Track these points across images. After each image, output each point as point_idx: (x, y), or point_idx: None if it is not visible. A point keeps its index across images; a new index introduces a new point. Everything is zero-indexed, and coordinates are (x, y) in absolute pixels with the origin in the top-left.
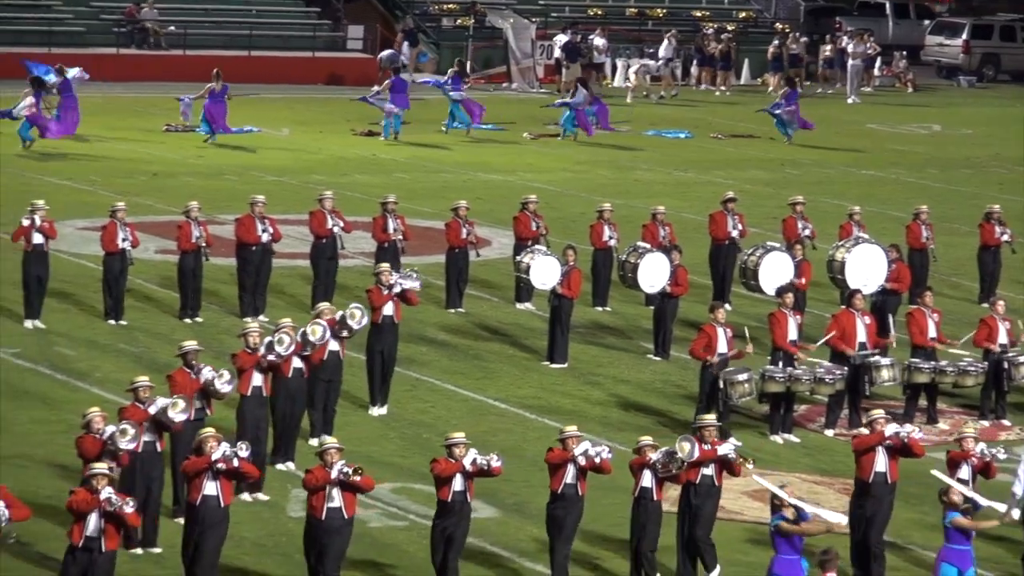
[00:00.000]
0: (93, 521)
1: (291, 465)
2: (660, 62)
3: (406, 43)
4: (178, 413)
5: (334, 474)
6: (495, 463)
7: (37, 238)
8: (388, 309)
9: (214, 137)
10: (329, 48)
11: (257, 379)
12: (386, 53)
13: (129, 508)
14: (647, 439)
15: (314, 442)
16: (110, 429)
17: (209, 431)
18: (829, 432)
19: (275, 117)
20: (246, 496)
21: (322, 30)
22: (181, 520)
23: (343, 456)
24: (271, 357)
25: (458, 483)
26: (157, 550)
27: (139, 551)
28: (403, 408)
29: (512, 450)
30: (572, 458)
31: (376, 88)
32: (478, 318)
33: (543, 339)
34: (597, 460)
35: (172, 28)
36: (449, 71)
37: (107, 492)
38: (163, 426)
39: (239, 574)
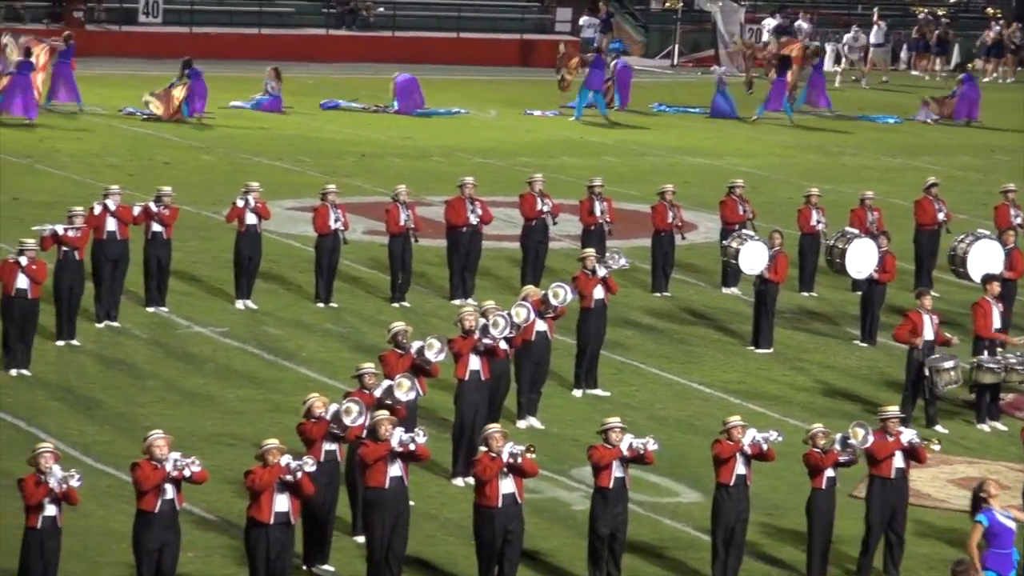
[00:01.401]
0: (279, 496)
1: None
2: (870, 46)
3: (598, 32)
4: (404, 393)
5: (505, 458)
6: (651, 447)
7: (250, 218)
8: (598, 293)
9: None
10: (537, 30)
11: (475, 363)
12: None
13: (310, 467)
14: (818, 426)
15: (522, 424)
16: (333, 407)
17: (383, 414)
18: None
19: (483, 99)
20: (459, 481)
21: (530, 12)
22: None
23: (509, 440)
24: (487, 340)
25: (617, 469)
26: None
27: (360, 538)
28: (609, 391)
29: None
30: (740, 448)
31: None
32: (684, 302)
33: (749, 324)
34: (764, 447)
35: (381, 9)
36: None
37: (286, 459)
38: (389, 410)
39: (444, 556)
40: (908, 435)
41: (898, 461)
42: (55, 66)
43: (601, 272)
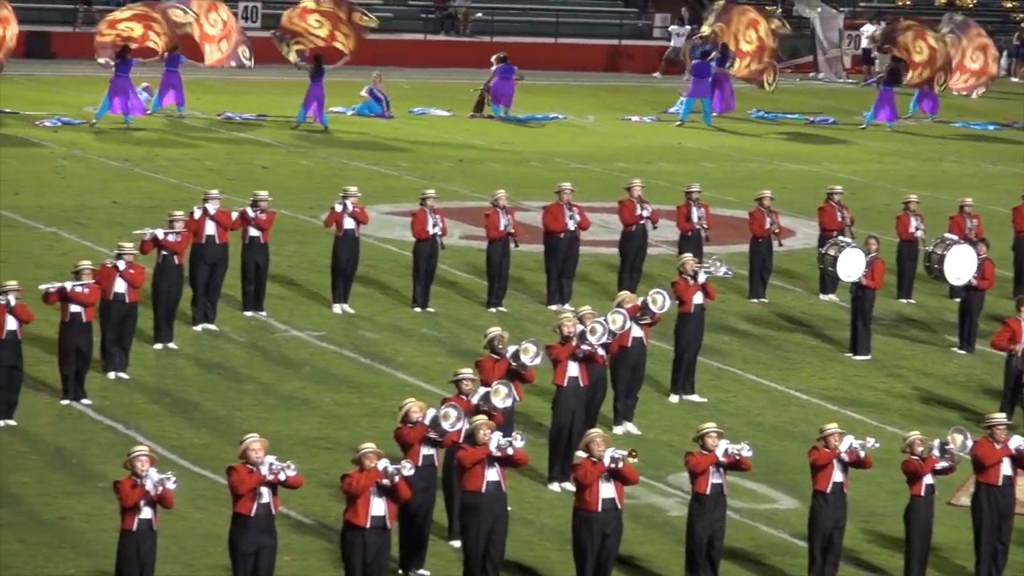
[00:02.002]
0: (376, 499)
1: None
2: None
3: (683, 37)
4: (501, 400)
5: (607, 462)
6: (746, 452)
7: (348, 223)
8: (698, 298)
9: (503, 113)
10: (635, 36)
11: (573, 369)
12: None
13: (408, 471)
14: (916, 433)
15: (619, 430)
16: (431, 412)
17: (481, 419)
18: None
19: (580, 105)
20: (555, 486)
21: (628, 18)
22: None
23: (610, 445)
24: (585, 346)
25: (714, 475)
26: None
27: (456, 543)
28: (706, 397)
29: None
30: (837, 455)
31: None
32: (781, 308)
33: (846, 330)
34: (861, 454)
35: (479, 15)
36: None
37: (383, 463)
38: (487, 415)
39: (540, 561)
40: (1016, 442)
41: (1005, 468)
42: (164, 73)
43: (701, 277)
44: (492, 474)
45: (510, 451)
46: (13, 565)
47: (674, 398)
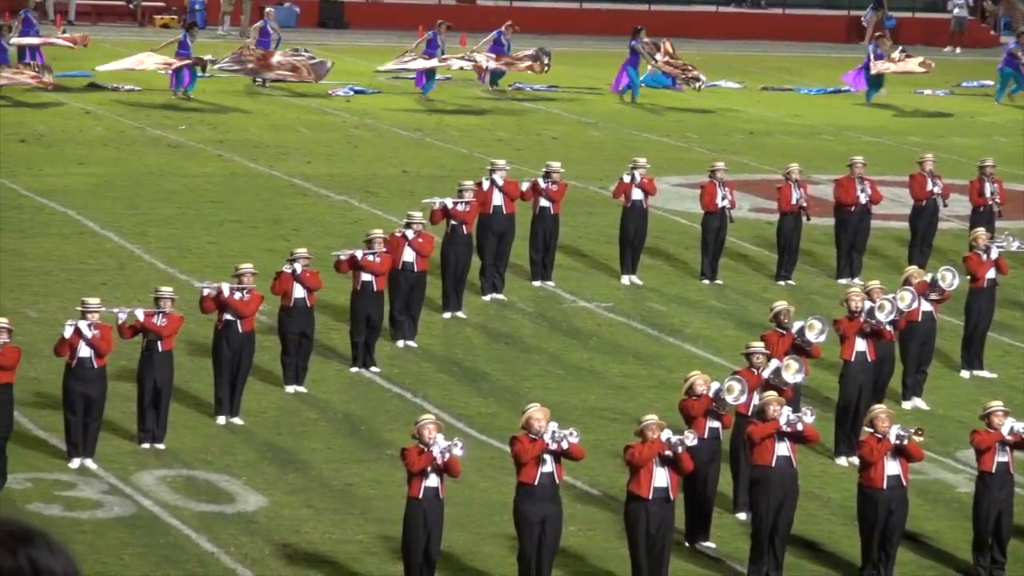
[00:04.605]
0: (659, 470)
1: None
2: None
3: (870, 9)
4: (792, 375)
5: (892, 439)
6: (1020, 427)
7: (636, 194)
8: (990, 273)
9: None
10: (929, 9)
11: (860, 344)
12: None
13: (691, 442)
14: None
15: (907, 405)
16: (715, 385)
17: (771, 394)
18: None
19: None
20: (841, 460)
21: None
22: None
23: (895, 422)
24: (872, 322)
25: (1000, 453)
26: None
27: (741, 515)
28: (996, 373)
29: None
30: None
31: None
32: None
33: None
34: None
35: None
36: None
37: (666, 433)
38: (776, 390)
39: (826, 536)
40: None
41: None
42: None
43: (994, 252)
44: (782, 449)
45: (799, 427)
46: (302, 530)
47: (964, 373)
